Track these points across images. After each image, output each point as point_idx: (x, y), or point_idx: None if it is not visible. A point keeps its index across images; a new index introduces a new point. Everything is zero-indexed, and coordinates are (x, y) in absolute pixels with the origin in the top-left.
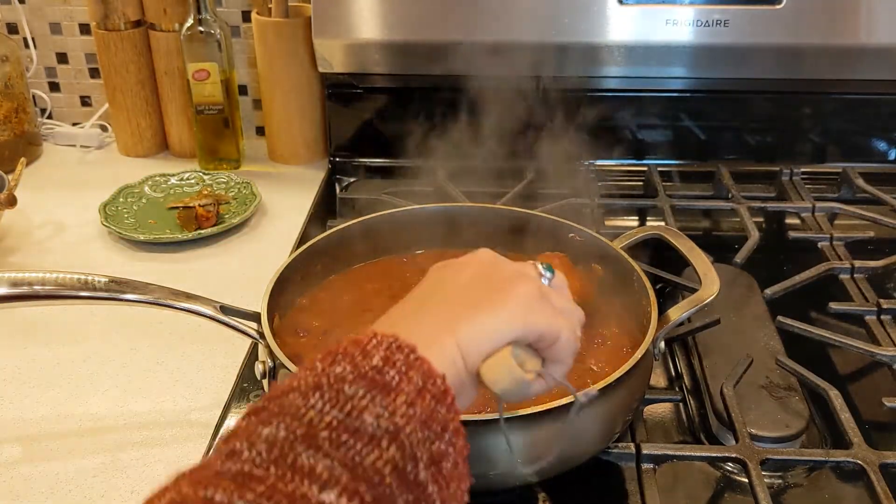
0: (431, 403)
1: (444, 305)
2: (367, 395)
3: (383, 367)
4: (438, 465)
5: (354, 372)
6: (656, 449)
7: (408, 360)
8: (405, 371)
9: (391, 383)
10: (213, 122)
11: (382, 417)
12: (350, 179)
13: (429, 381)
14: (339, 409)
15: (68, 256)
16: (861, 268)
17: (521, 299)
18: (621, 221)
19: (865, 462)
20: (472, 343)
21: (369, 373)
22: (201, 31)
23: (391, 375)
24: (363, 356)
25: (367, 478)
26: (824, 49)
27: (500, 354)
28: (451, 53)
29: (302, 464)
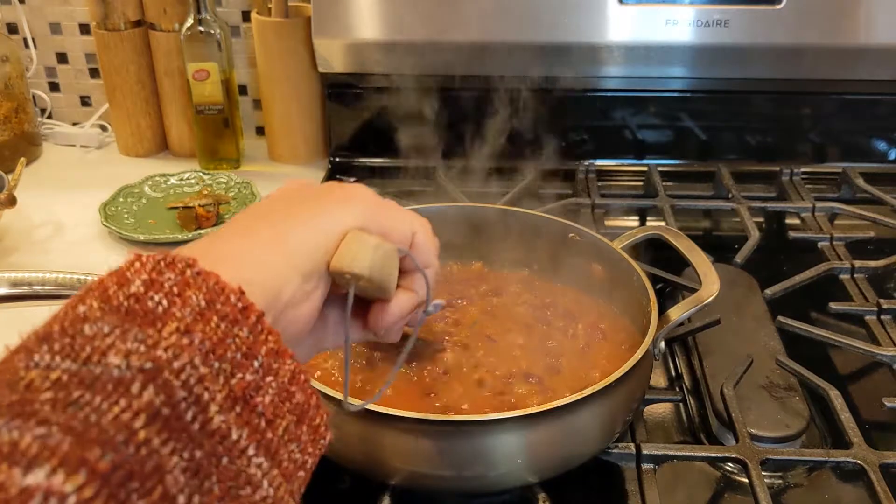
0: (221, 326)
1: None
2: (114, 331)
3: (146, 292)
4: (249, 404)
5: (103, 307)
6: (656, 449)
7: (182, 279)
8: (178, 293)
9: (155, 310)
10: (213, 122)
11: (135, 354)
12: (350, 179)
13: (218, 299)
14: (73, 358)
15: (68, 256)
16: (861, 268)
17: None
18: (621, 221)
19: (865, 462)
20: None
21: (124, 303)
22: (201, 31)
23: (156, 301)
24: (118, 285)
25: (105, 439)
26: (824, 49)
27: (348, 236)
28: (451, 53)
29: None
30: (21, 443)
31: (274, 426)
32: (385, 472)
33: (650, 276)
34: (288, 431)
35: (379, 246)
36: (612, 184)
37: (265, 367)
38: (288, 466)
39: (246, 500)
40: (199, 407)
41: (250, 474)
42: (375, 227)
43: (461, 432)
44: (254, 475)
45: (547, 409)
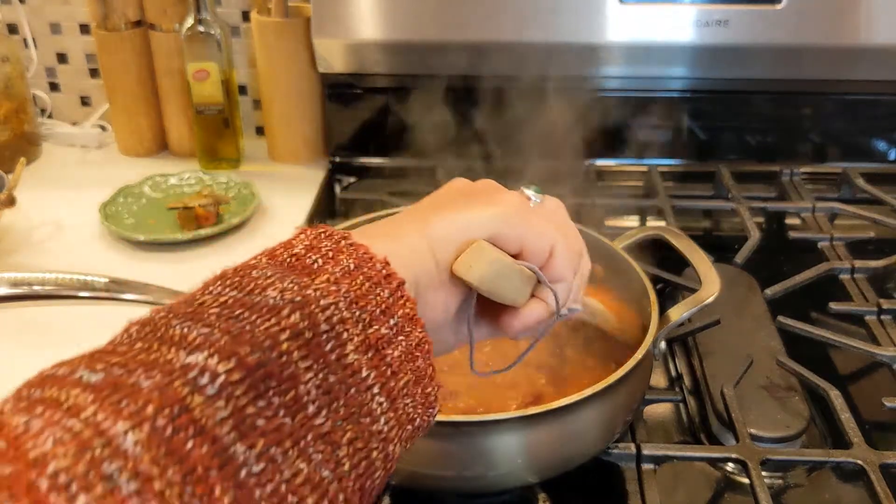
0: (365, 284)
1: (413, 211)
2: (274, 276)
3: (306, 253)
4: (380, 352)
5: (269, 261)
6: (656, 449)
7: (337, 247)
8: (332, 256)
9: (311, 266)
10: (213, 122)
11: (289, 291)
12: (350, 179)
13: (365, 264)
14: (239, 289)
15: (68, 256)
16: (861, 268)
17: (504, 202)
18: (621, 221)
19: (865, 462)
20: (443, 237)
21: (287, 259)
22: (201, 31)
23: (312, 259)
24: (284, 247)
25: (254, 342)
26: (824, 49)
27: (474, 243)
28: (451, 53)
29: (173, 335)
30: (189, 336)
31: (397, 378)
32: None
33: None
34: (407, 386)
35: (496, 261)
36: (612, 184)
37: (399, 326)
38: (402, 415)
39: (364, 428)
40: (338, 342)
41: (371, 408)
42: (513, 237)
43: (461, 433)
44: (374, 410)
45: (547, 409)
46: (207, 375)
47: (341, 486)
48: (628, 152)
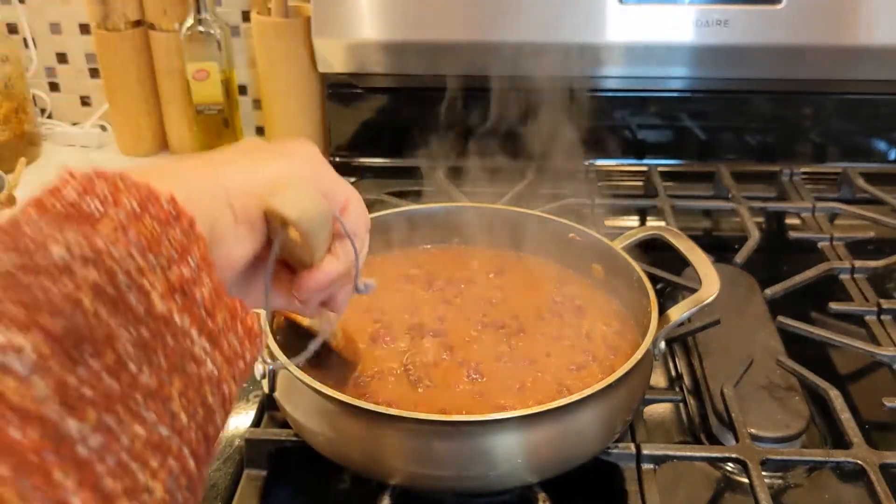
0: (155, 226)
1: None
2: (53, 230)
3: (80, 199)
4: (188, 295)
5: (39, 213)
6: (656, 449)
7: (115, 187)
8: (112, 199)
9: (91, 214)
10: (213, 122)
11: (75, 245)
12: (350, 179)
13: (150, 203)
14: (16, 250)
15: None
16: (861, 268)
17: (297, 148)
18: (621, 221)
19: (865, 462)
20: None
21: (60, 209)
22: (201, 31)
23: (90, 205)
24: (53, 195)
25: (54, 309)
26: (824, 49)
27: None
28: (451, 53)
29: None
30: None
31: (213, 316)
32: (385, 472)
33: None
34: (226, 323)
35: (316, 199)
36: (612, 184)
37: (199, 266)
38: (228, 353)
39: (194, 376)
40: (142, 293)
41: (195, 353)
42: (313, 185)
43: (461, 432)
44: (198, 355)
45: (546, 409)
46: (12, 355)
47: (183, 440)
48: (628, 152)
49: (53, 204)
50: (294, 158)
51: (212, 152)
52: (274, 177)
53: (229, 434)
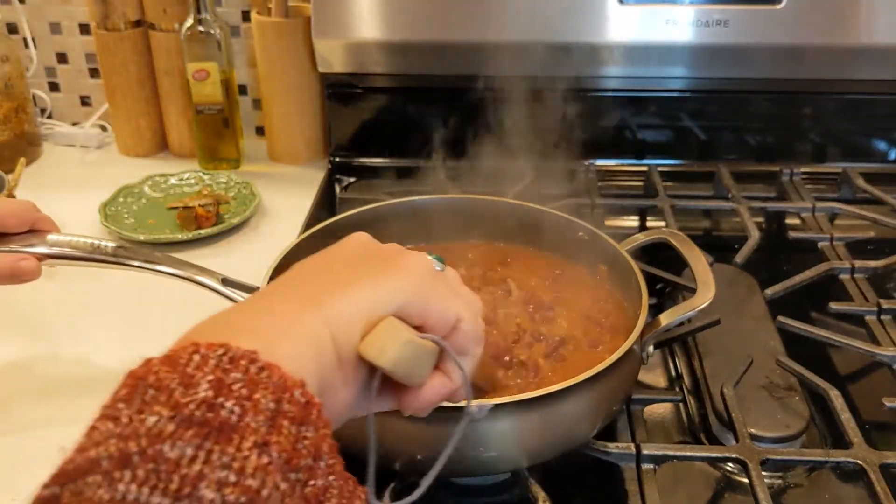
0: (292, 431)
1: (306, 286)
2: (199, 455)
3: (216, 397)
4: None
5: (175, 418)
6: (656, 449)
7: (249, 378)
8: (248, 395)
9: (230, 421)
10: (213, 122)
11: (227, 486)
12: (350, 179)
13: (283, 397)
14: (163, 490)
15: None
16: (861, 268)
17: (409, 271)
18: (621, 221)
19: (865, 462)
20: (345, 320)
21: (196, 413)
22: (201, 31)
23: (229, 408)
24: (185, 387)
25: None
26: (824, 49)
27: (382, 322)
28: (451, 53)
29: None
30: None
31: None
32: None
33: (650, 276)
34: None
35: (410, 342)
36: (612, 184)
37: (328, 466)
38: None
39: None
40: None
41: None
42: (417, 310)
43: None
44: None
45: (533, 396)
46: None
47: None
48: (628, 152)
49: (188, 404)
50: (398, 281)
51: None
52: (374, 309)
53: None
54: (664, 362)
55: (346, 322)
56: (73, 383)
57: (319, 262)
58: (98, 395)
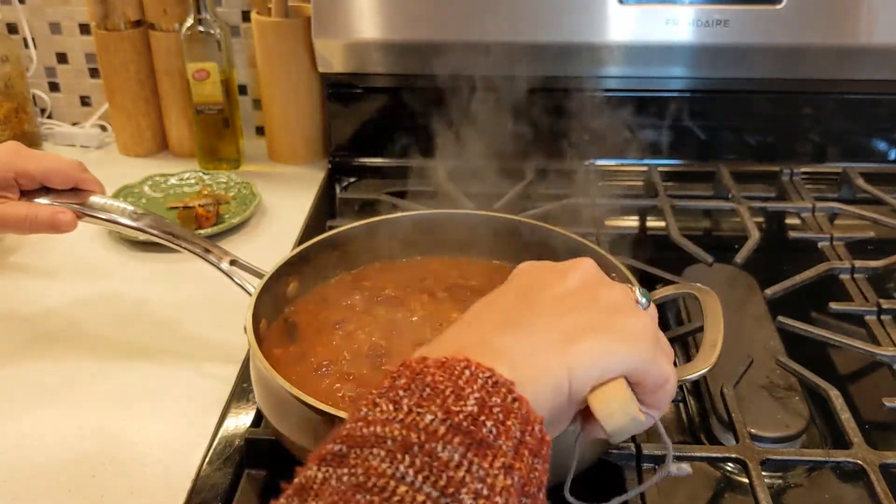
0: (529, 461)
1: (551, 323)
2: (463, 462)
3: (479, 414)
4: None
5: (447, 421)
6: (656, 449)
7: (505, 405)
8: (503, 420)
9: (488, 439)
10: (213, 122)
11: (481, 498)
12: (350, 179)
13: (527, 430)
14: (433, 483)
15: (68, 256)
16: (861, 268)
17: (638, 334)
18: (621, 221)
19: (865, 462)
20: (583, 368)
21: (464, 423)
22: (201, 31)
23: (488, 427)
24: (456, 397)
25: None
26: (824, 49)
27: (615, 384)
28: (451, 53)
29: None
30: None
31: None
32: None
33: (651, 276)
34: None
35: (636, 419)
36: (612, 184)
37: (545, 499)
38: None
39: None
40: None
41: None
42: (640, 375)
43: None
44: None
45: None
46: None
47: None
48: (628, 152)
49: (458, 413)
50: (636, 345)
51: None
52: (608, 367)
53: (229, 434)
54: None
55: (583, 371)
56: (72, 383)
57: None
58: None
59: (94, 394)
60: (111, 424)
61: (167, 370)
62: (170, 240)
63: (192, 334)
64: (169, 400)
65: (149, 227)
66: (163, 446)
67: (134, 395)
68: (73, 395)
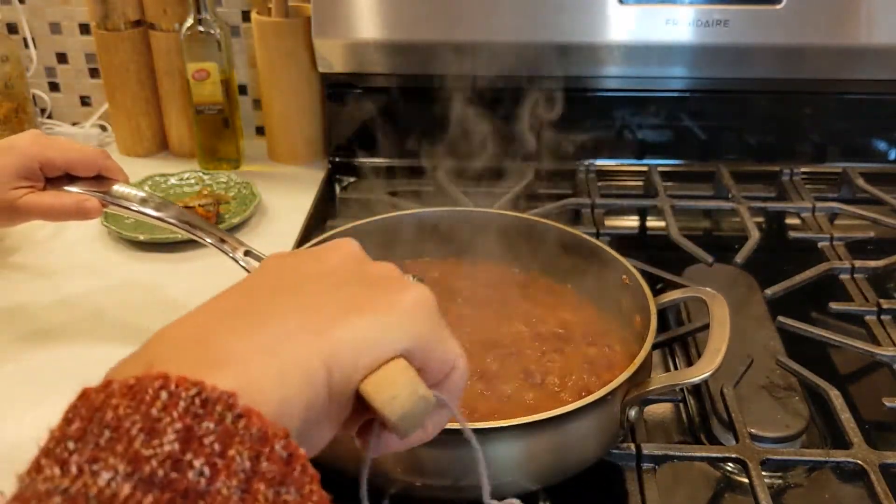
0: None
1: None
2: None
3: (183, 453)
4: None
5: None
6: (656, 449)
7: (223, 428)
8: (221, 451)
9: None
10: (213, 122)
11: None
12: (350, 179)
13: (263, 454)
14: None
15: (68, 256)
16: (861, 268)
17: (414, 308)
18: (621, 221)
19: (865, 462)
20: (349, 353)
21: (159, 472)
22: (201, 31)
23: (197, 469)
24: (147, 435)
25: None
26: (824, 49)
27: (393, 364)
28: (451, 53)
29: None
30: None
31: None
32: (383, 481)
33: (651, 276)
34: None
35: (423, 398)
36: (612, 184)
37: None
38: None
39: None
40: None
41: None
42: (420, 354)
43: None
44: None
45: (544, 417)
46: None
47: None
48: (628, 152)
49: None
50: (410, 320)
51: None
52: (381, 348)
53: None
54: (664, 362)
55: (348, 357)
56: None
57: (311, 270)
58: None
59: None
60: None
61: None
62: (187, 228)
63: None
64: None
65: (169, 216)
66: None
67: None
68: (72, 394)
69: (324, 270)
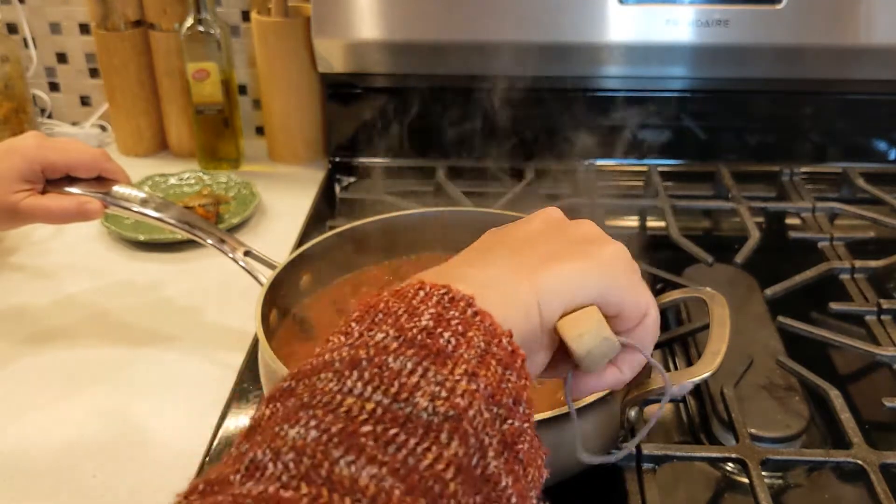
0: (498, 371)
1: (514, 255)
2: (417, 369)
3: (435, 327)
4: (514, 450)
5: (399, 337)
6: (656, 449)
7: (465, 317)
8: (463, 331)
9: (445, 349)
10: (213, 122)
11: (438, 399)
12: (350, 179)
13: (493, 341)
14: (384, 391)
15: (68, 256)
16: (861, 268)
17: (611, 260)
18: (621, 221)
19: (866, 462)
20: (552, 293)
21: (418, 336)
22: (201, 31)
23: (446, 339)
24: (409, 315)
25: (426, 488)
26: (824, 49)
27: (586, 310)
28: (451, 53)
29: (341, 476)
30: (359, 481)
31: (526, 473)
32: None
33: (650, 276)
34: (534, 479)
35: (607, 339)
36: (612, 184)
37: (526, 413)
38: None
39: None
40: (482, 453)
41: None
42: (615, 302)
43: None
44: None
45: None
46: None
47: None
48: (628, 152)
49: (411, 328)
50: (606, 272)
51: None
52: (579, 292)
53: (229, 434)
54: (664, 363)
55: (553, 296)
56: (71, 383)
57: (520, 235)
58: None
59: (95, 393)
60: (112, 424)
61: (168, 370)
62: (187, 229)
63: (194, 335)
64: (169, 400)
65: (169, 217)
66: (165, 444)
67: (134, 395)
68: (72, 394)
69: (531, 231)
